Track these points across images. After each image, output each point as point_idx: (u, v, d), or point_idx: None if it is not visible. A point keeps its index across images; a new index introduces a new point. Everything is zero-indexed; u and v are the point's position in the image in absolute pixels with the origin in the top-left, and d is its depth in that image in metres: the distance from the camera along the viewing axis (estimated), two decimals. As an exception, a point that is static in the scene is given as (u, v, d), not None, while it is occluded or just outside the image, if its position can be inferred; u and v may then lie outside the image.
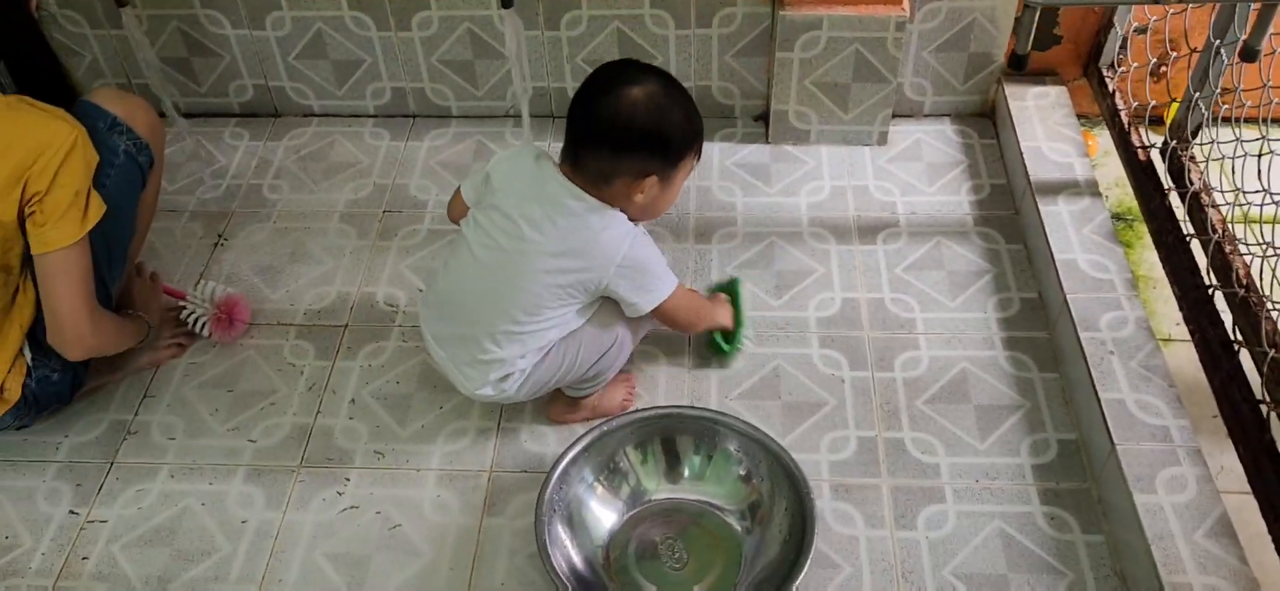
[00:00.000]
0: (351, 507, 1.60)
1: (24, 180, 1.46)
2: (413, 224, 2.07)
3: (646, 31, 2.15)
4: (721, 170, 2.16)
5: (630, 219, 1.49)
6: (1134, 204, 1.96)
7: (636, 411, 1.56)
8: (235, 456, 1.67)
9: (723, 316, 1.73)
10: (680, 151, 1.48)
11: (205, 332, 1.83)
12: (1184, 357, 1.74)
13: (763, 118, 2.25)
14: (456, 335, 1.54)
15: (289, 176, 2.20)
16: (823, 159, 2.17)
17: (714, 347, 1.78)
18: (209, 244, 2.05)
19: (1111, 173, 2.11)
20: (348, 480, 1.63)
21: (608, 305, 1.54)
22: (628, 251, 1.47)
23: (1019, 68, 1.53)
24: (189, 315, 1.83)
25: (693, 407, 1.59)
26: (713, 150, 2.21)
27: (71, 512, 1.60)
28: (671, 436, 1.55)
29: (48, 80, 1.61)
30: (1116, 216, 2.05)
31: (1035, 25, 1.49)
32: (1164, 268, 1.78)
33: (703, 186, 2.12)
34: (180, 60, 2.29)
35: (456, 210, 1.61)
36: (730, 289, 1.80)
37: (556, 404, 1.68)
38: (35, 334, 1.59)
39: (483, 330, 1.50)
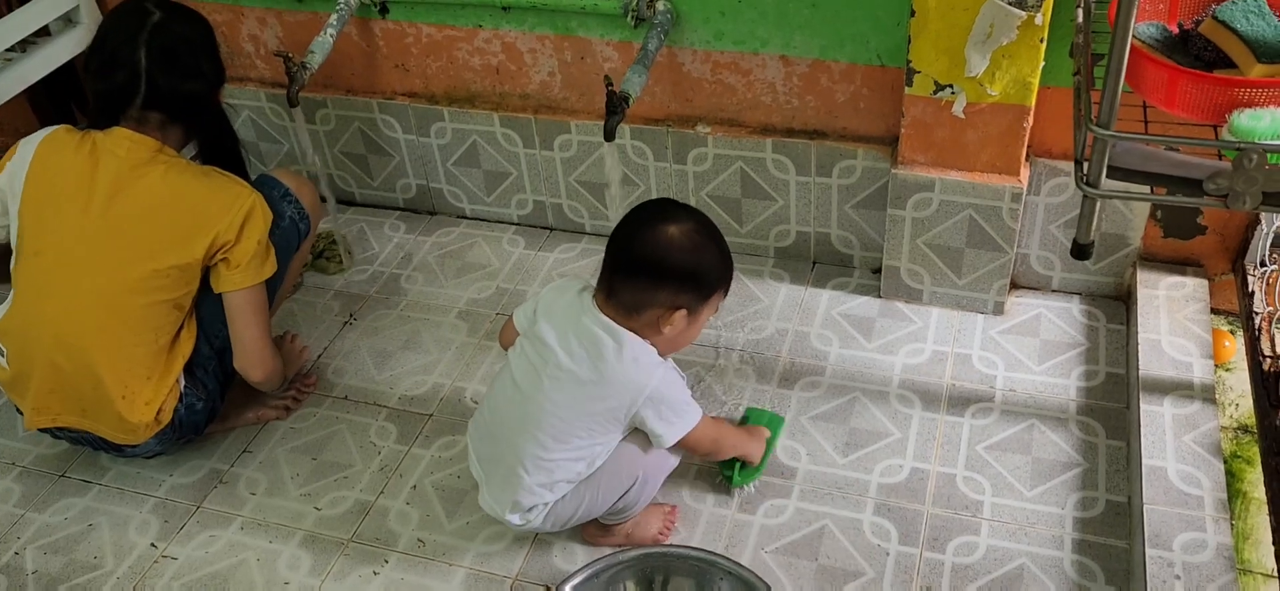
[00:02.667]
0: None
1: (214, 232, 1.74)
2: (518, 330, 2.18)
3: (768, 174, 2.18)
4: (825, 318, 2.14)
5: (657, 352, 1.53)
6: (1262, 417, 1.77)
7: (645, 547, 1.57)
8: (299, 520, 1.82)
9: (750, 447, 1.75)
10: (711, 287, 1.55)
11: None
12: (1278, 599, 1.55)
13: (880, 271, 2.22)
14: (494, 456, 1.62)
15: (426, 270, 2.39)
16: (932, 321, 2.11)
17: (725, 474, 1.78)
18: (340, 321, 2.26)
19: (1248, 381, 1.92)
20: (386, 562, 1.74)
21: (626, 447, 1.57)
22: (656, 385, 1.52)
23: (1080, 256, 1.44)
24: None
25: (697, 549, 1.57)
26: (821, 297, 2.20)
27: (152, 545, 1.80)
28: (673, 577, 1.54)
29: (230, 158, 1.91)
30: (1244, 429, 1.86)
31: (1095, 215, 1.41)
32: (1266, 491, 1.60)
33: (801, 332, 2.12)
34: (359, 156, 2.55)
35: (507, 336, 1.71)
36: (771, 425, 1.82)
37: (592, 525, 1.72)
38: (188, 366, 1.83)
39: (514, 455, 1.56)
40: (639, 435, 1.58)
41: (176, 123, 1.80)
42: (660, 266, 1.50)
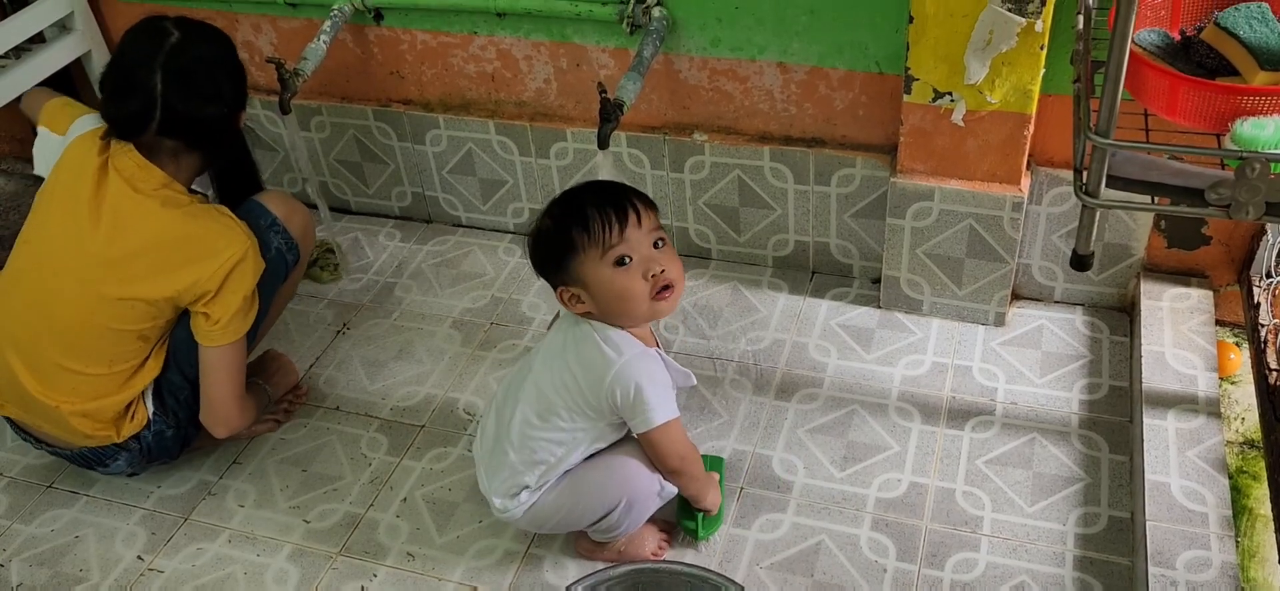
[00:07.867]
0: (369, 603, 1.67)
1: (193, 277, 1.69)
2: (513, 339, 2.16)
3: (766, 182, 2.16)
4: (823, 329, 2.11)
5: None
6: (1268, 432, 1.74)
7: (633, 563, 1.54)
8: (287, 533, 1.79)
9: (709, 490, 1.69)
10: (566, 266, 1.51)
11: None
12: (1284, 618, 1.51)
13: (880, 281, 2.19)
14: (493, 432, 1.64)
15: (420, 279, 2.36)
16: (932, 332, 2.08)
17: (686, 524, 1.72)
18: (333, 330, 2.23)
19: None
20: (375, 576, 1.71)
21: (614, 466, 1.56)
22: (622, 366, 1.51)
23: (1080, 267, 1.41)
24: None
25: (689, 565, 1.54)
26: (820, 307, 2.17)
27: (139, 558, 1.77)
28: (664, 594, 1.52)
29: (247, 183, 1.89)
30: (1250, 444, 1.82)
31: (1095, 225, 1.38)
32: (1272, 507, 1.56)
33: (799, 342, 2.08)
34: (354, 163, 2.52)
35: None
36: (715, 468, 1.78)
37: (584, 538, 1.69)
38: (159, 392, 1.79)
39: (505, 428, 1.59)
40: (628, 458, 1.57)
41: (193, 150, 1.74)
42: (532, 260, 1.57)
